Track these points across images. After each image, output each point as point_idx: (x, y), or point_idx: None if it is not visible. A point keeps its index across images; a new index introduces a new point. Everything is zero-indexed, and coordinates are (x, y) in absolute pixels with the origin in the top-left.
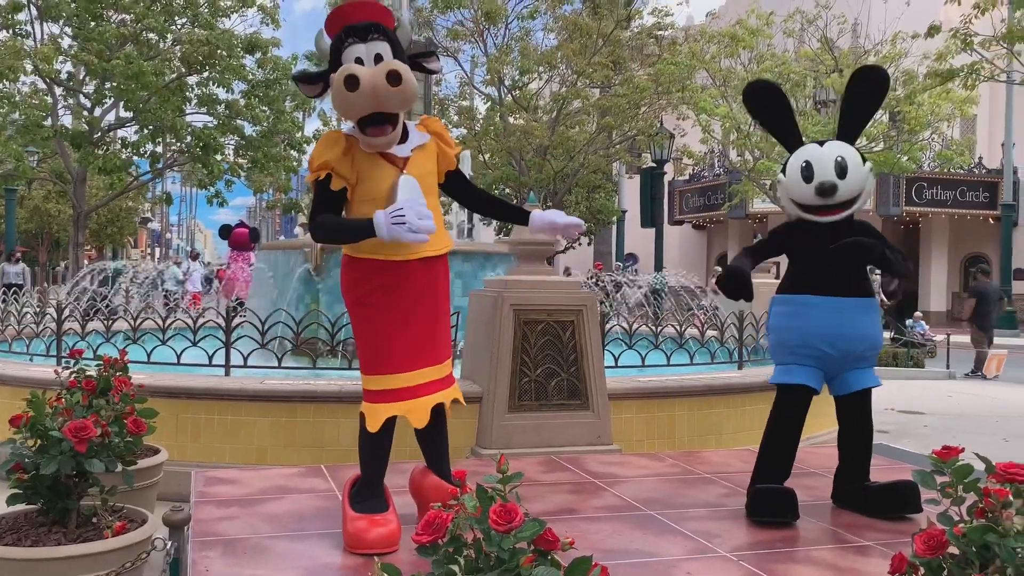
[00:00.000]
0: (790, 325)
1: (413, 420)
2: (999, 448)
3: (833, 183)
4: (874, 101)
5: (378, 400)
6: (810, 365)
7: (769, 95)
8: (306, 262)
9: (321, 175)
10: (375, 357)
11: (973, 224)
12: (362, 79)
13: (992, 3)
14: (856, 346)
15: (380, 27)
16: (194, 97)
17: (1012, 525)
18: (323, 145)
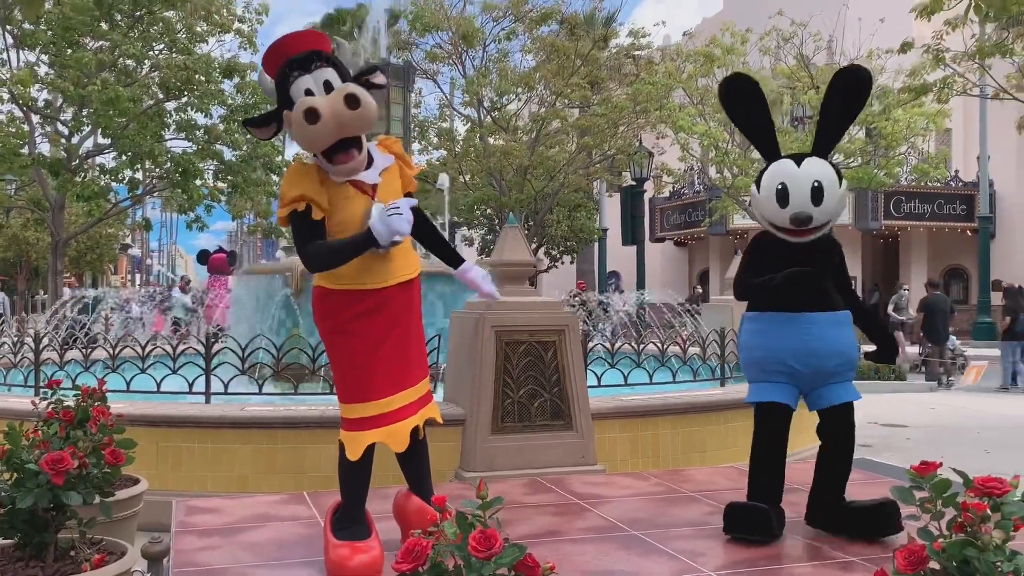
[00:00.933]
0: (760, 343)
1: (393, 445)
2: (981, 459)
3: (808, 215)
4: (856, 102)
5: (358, 428)
6: (782, 382)
7: (747, 91)
8: (286, 287)
9: (300, 206)
10: (353, 385)
11: (951, 236)
12: (322, 110)
13: (963, 20)
14: (827, 362)
15: (321, 54)
16: (173, 123)
17: (991, 539)
18: (294, 177)
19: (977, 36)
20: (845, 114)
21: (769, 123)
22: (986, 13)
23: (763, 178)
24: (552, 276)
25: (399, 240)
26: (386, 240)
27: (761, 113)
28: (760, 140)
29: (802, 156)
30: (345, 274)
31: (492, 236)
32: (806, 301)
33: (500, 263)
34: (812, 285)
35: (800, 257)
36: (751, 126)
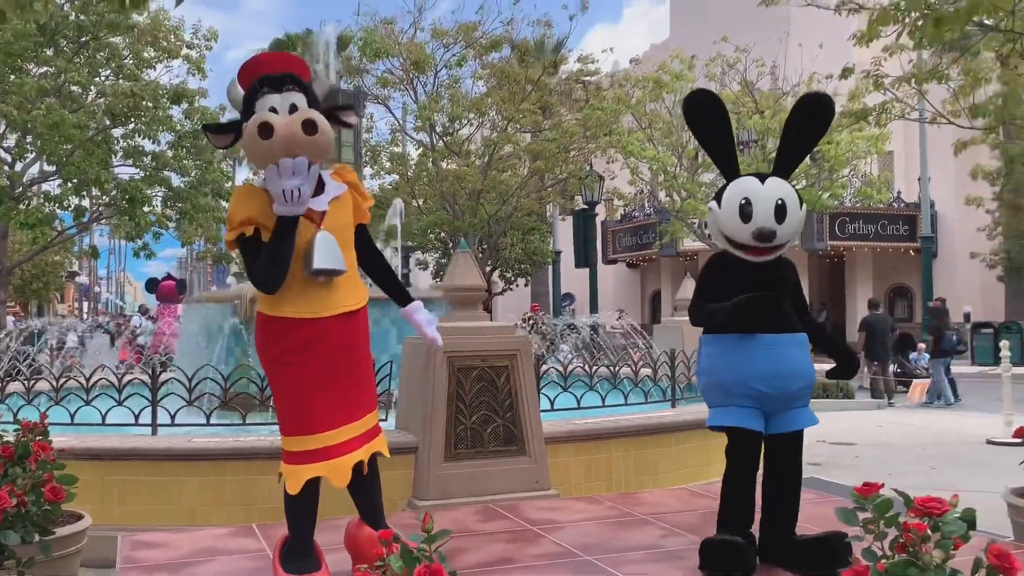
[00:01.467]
0: (723, 366)
1: (334, 480)
2: (927, 476)
3: (773, 230)
4: (818, 128)
5: (298, 461)
6: (749, 406)
7: (709, 108)
8: (235, 315)
9: (248, 231)
10: (294, 418)
11: (895, 256)
12: (276, 127)
13: (897, 47)
14: (791, 385)
15: (295, 78)
16: (120, 149)
17: (931, 559)
18: (242, 200)
19: (914, 62)
20: (806, 139)
21: (731, 140)
22: (920, 39)
23: (725, 194)
24: (507, 299)
25: (339, 270)
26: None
27: (723, 129)
28: (721, 157)
29: (764, 175)
30: (286, 302)
31: (446, 260)
32: (769, 322)
33: (452, 288)
34: (767, 309)
35: (759, 278)
36: (713, 142)
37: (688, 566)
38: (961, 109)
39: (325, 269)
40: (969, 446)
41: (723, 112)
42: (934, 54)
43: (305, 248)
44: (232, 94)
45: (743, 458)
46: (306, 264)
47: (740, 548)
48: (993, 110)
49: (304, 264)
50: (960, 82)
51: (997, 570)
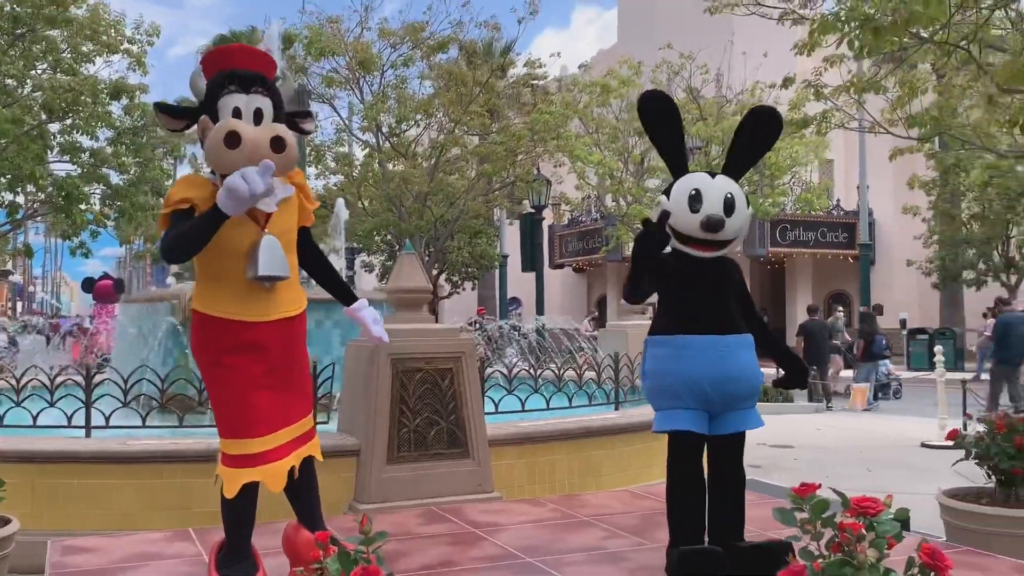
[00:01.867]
0: (670, 368)
1: (271, 485)
2: (863, 478)
3: (721, 218)
4: (766, 140)
5: (235, 464)
6: (695, 408)
7: (664, 107)
8: (173, 315)
9: (183, 207)
10: (231, 421)
11: (834, 263)
12: (244, 139)
13: (840, 58)
14: (739, 387)
15: (264, 80)
16: (56, 145)
17: (866, 558)
18: (186, 184)
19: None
20: (754, 149)
21: (682, 141)
22: (859, 49)
23: (675, 186)
24: (453, 302)
25: (283, 276)
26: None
27: (678, 132)
28: (673, 156)
29: (714, 172)
30: (225, 302)
31: (392, 262)
32: (715, 324)
33: (396, 290)
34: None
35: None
36: (669, 144)
37: (630, 567)
38: (898, 119)
39: (270, 275)
40: (904, 449)
41: (678, 115)
42: (874, 65)
43: (249, 251)
44: (195, 83)
45: (688, 461)
46: (249, 268)
47: (716, 555)
48: (929, 121)
49: (247, 268)
50: (897, 93)
51: (929, 568)
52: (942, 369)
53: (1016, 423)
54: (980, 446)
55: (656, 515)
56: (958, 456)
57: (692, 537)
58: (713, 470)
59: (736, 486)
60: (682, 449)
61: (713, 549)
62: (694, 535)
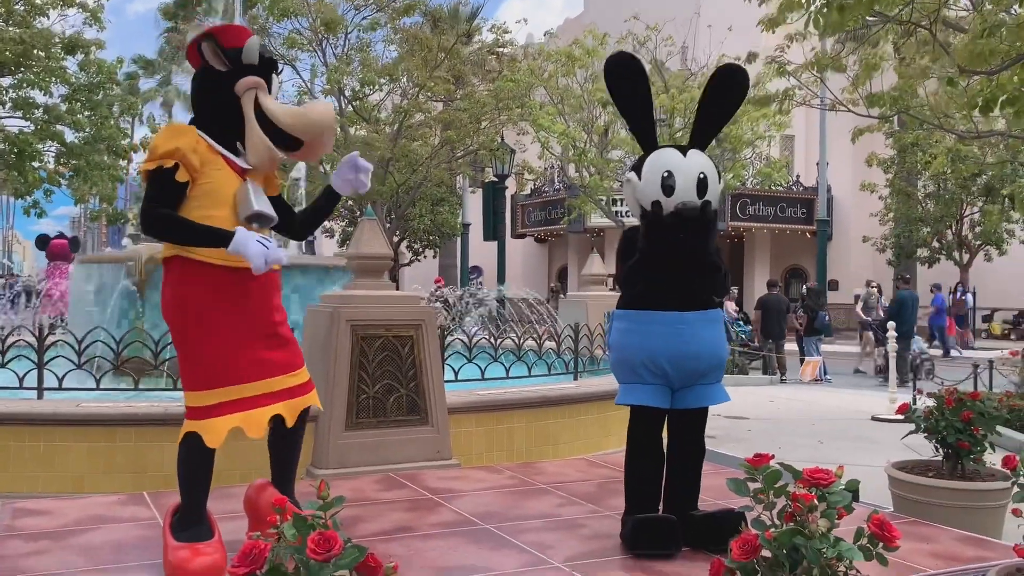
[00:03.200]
0: (631, 343)
1: (249, 431)
2: (815, 450)
3: (695, 206)
4: (733, 100)
5: (214, 414)
6: (656, 383)
7: (632, 72)
8: (128, 276)
9: (168, 163)
10: (213, 370)
11: (792, 238)
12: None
13: (803, 35)
14: (698, 364)
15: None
16: (8, 100)
17: (817, 528)
18: (171, 133)
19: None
20: (722, 112)
21: (650, 107)
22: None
23: (645, 165)
24: (413, 270)
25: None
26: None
27: (645, 95)
28: (640, 123)
29: (684, 147)
30: (209, 249)
31: (353, 228)
32: (678, 300)
33: (357, 256)
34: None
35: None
36: (634, 107)
37: (586, 534)
38: (859, 97)
39: (264, 213)
40: (855, 422)
41: (645, 78)
42: (837, 42)
43: (237, 195)
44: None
45: (647, 434)
46: (242, 209)
47: (668, 524)
48: (888, 100)
49: (240, 209)
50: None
51: (878, 539)
52: (893, 344)
53: (964, 398)
54: (929, 420)
55: (612, 483)
56: (907, 429)
57: (647, 506)
58: (673, 442)
59: (695, 458)
60: (642, 422)
61: (667, 518)
62: (649, 504)
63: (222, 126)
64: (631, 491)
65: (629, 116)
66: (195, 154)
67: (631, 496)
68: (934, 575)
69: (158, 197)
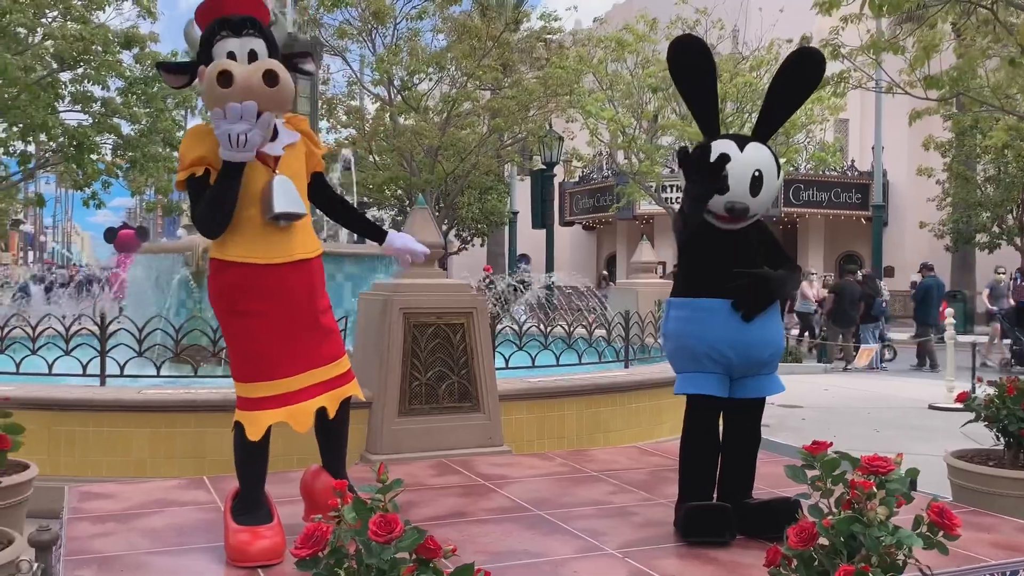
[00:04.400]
0: (691, 331)
1: (295, 425)
2: (871, 439)
3: (745, 207)
4: (808, 85)
5: (258, 407)
6: (716, 372)
7: (699, 56)
8: (186, 266)
9: (198, 171)
10: (251, 363)
11: (847, 224)
12: (236, 76)
13: (858, 16)
14: (761, 352)
15: (256, 22)
16: (67, 94)
17: (876, 515)
18: (193, 139)
19: (872, 31)
20: (795, 98)
21: (714, 93)
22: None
23: None
24: (462, 258)
25: (300, 213)
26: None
27: (710, 80)
28: (703, 109)
29: (745, 139)
30: (242, 247)
31: (402, 217)
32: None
33: None
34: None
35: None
36: (697, 91)
37: (638, 522)
38: (916, 80)
39: (287, 212)
40: (912, 411)
41: (711, 61)
42: (892, 24)
43: (263, 192)
44: (190, 34)
45: (705, 423)
46: (266, 209)
47: (723, 512)
48: (947, 82)
49: (264, 209)
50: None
51: (938, 527)
52: (952, 331)
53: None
54: (989, 409)
55: (664, 471)
56: (966, 418)
57: (702, 494)
58: (729, 430)
59: (751, 447)
60: (700, 411)
61: (722, 506)
62: (704, 492)
63: None
64: (686, 479)
65: (693, 100)
66: (219, 157)
67: (685, 484)
68: (995, 565)
69: (199, 200)
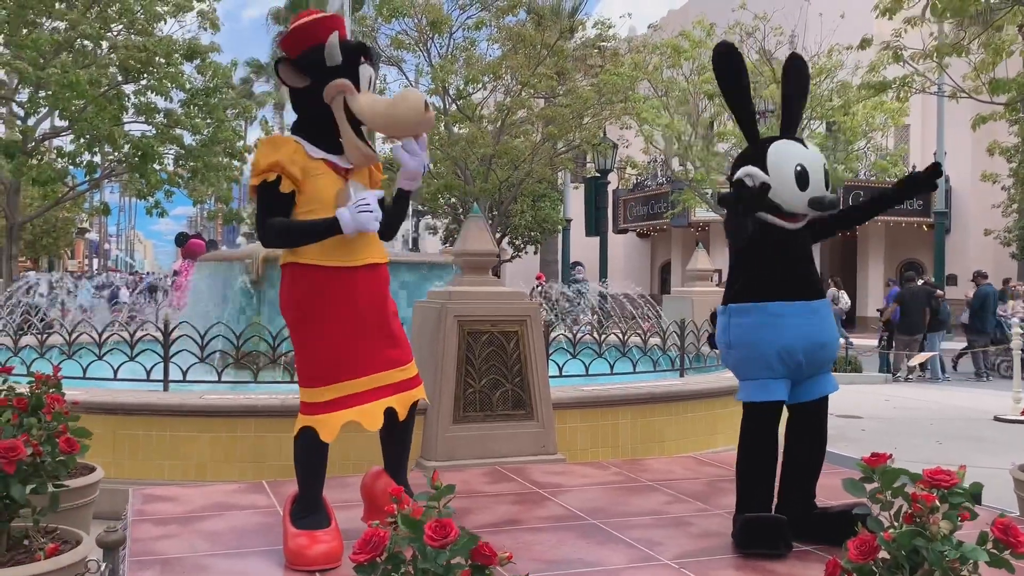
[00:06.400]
0: (762, 337)
1: (366, 423)
2: (933, 451)
3: (833, 199)
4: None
5: (330, 409)
6: (784, 377)
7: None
8: (246, 273)
9: (271, 176)
10: (326, 367)
11: (908, 231)
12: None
13: (920, 20)
14: (827, 353)
15: (370, 53)
16: (131, 106)
17: (939, 529)
18: (269, 147)
19: (935, 35)
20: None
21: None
22: (943, 12)
23: (771, 157)
24: (515, 266)
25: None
26: (352, 232)
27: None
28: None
29: (799, 139)
30: (314, 251)
31: (456, 225)
32: (805, 290)
33: (464, 253)
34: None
35: (792, 242)
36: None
37: (695, 532)
38: (982, 84)
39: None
40: (976, 422)
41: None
42: (956, 27)
43: (338, 198)
44: (333, 47)
45: (767, 431)
46: None
47: (780, 524)
48: (1015, 86)
49: None
50: (981, 56)
51: (1003, 544)
52: (1019, 341)
53: None
54: None
55: (720, 482)
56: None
57: (760, 505)
58: (795, 435)
59: (818, 450)
60: (764, 418)
61: (778, 517)
62: (762, 503)
63: (319, 131)
64: (745, 489)
65: (734, 109)
66: (294, 165)
67: (744, 494)
68: None
69: (268, 209)
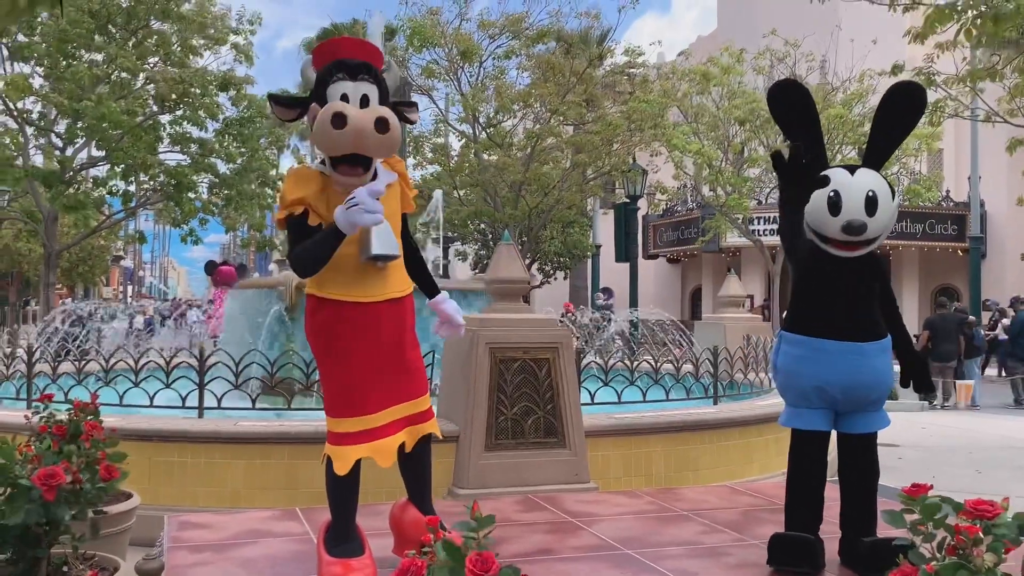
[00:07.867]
0: (803, 370)
1: (380, 460)
2: (973, 480)
3: (863, 223)
4: (912, 119)
5: (345, 442)
6: (823, 407)
7: (798, 97)
8: (280, 301)
9: (297, 211)
10: (343, 399)
11: (942, 256)
12: (350, 120)
13: (953, 44)
14: (870, 393)
15: (371, 68)
16: (167, 135)
17: (983, 562)
18: (296, 181)
19: (968, 59)
20: (898, 134)
21: (820, 136)
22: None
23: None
24: (544, 292)
25: (395, 255)
26: (349, 230)
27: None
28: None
29: (854, 166)
30: (340, 285)
31: (486, 251)
32: (853, 329)
33: (495, 280)
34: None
35: (845, 274)
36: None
37: (731, 563)
38: (1017, 108)
39: (384, 255)
40: (1017, 451)
41: (811, 105)
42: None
43: (361, 234)
44: (306, 73)
45: (810, 457)
46: (363, 250)
47: (810, 544)
48: None
49: (361, 249)
50: (1016, 80)
51: None
52: None
53: None
54: None
55: (757, 511)
56: None
57: (802, 525)
58: (844, 466)
59: (864, 481)
60: (806, 445)
61: (805, 537)
62: (804, 523)
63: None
64: (790, 511)
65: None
66: (320, 199)
67: (787, 514)
68: None
69: (296, 242)
